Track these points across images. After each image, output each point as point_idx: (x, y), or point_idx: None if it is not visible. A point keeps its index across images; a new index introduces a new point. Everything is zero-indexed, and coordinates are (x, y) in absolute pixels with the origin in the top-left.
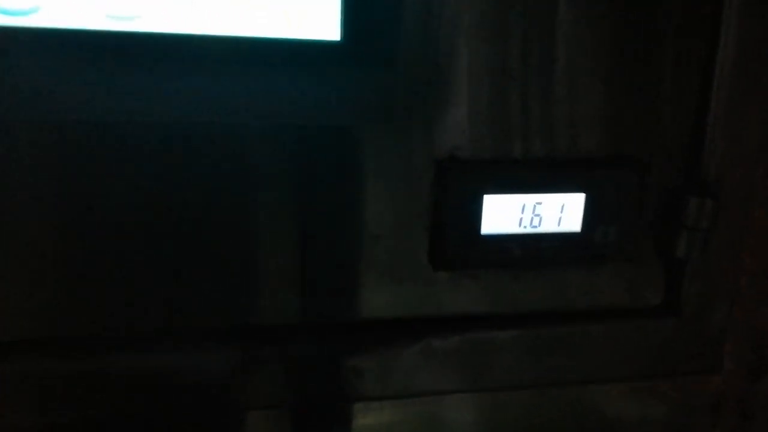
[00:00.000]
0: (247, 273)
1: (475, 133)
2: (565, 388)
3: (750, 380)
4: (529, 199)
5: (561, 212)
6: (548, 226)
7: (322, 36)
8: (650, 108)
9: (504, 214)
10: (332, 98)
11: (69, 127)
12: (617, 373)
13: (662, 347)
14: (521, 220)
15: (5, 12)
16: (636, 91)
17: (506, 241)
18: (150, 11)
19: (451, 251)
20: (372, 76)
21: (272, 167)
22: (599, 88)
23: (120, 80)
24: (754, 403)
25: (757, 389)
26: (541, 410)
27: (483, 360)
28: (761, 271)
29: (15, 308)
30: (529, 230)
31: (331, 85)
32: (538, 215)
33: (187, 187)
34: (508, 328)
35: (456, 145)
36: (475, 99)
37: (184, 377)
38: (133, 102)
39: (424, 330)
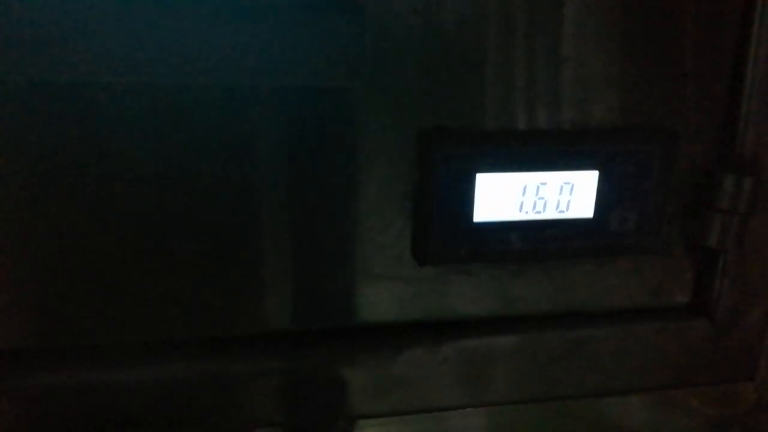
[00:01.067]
0: (212, 283)
1: (467, 99)
2: (577, 402)
3: None
4: (532, 178)
5: (570, 194)
6: (554, 212)
7: None
8: (677, 71)
9: (501, 196)
10: (289, 54)
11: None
12: (638, 383)
13: (690, 353)
14: (522, 204)
15: None
16: (659, 51)
17: (504, 230)
18: None
19: (438, 243)
20: (335, 27)
21: (220, 138)
22: (616, 46)
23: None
24: None
25: None
26: (550, 427)
27: (480, 371)
28: None
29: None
30: (531, 216)
31: (287, 38)
32: (542, 198)
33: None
34: (508, 333)
35: (443, 113)
36: (466, 57)
37: (157, 397)
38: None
39: (409, 338)
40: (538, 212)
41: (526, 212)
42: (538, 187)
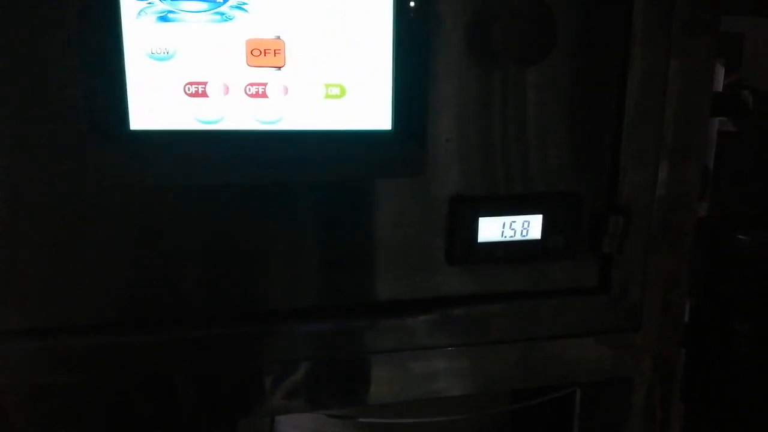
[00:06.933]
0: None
1: (473, 181)
2: (535, 342)
3: (663, 340)
4: (507, 219)
5: (528, 227)
6: (519, 236)
7: (380, 127)
8: (582, 162)
9: (492, 229)
10: (385, 163)
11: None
12: (569, 332)
13: (598, 315)
14: (503, 232)
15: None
16: (572, 152)
17: (493, 246)
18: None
19: (459, 253)
20: (409, 150)
21: (344, 205)
22: (549, 151)
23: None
24: (664, 350)
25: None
26: (519, 356)
27: (480, 324)
28: (670, 266)
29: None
30: (507, 239)
31: (384, 155)
32: (513, 229)
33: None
34: (495, 302)
35: (461, 188)
36: (472, 160)
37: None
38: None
39: (442, 304)
40: (511, 236)
41: (505, 237)
42: (511, 223)
